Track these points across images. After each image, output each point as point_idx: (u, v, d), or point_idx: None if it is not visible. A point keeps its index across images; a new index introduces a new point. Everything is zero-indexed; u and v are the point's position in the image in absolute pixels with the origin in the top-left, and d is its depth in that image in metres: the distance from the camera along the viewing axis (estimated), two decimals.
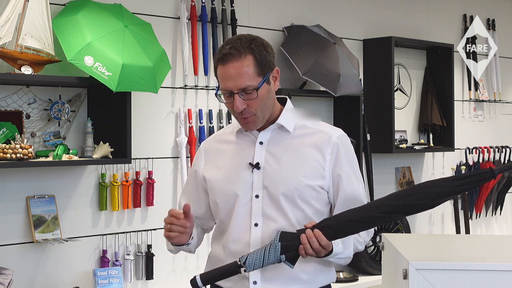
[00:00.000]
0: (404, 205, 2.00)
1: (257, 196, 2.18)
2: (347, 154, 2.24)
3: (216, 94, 2.23)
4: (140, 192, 3.69)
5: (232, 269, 2.07)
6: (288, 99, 2.30)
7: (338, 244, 2.13)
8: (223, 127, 3.96)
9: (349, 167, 2.23)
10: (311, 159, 2.20)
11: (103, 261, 3.54)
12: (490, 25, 5.88)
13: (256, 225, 2.18)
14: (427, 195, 1.97)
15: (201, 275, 2.06)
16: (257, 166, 2.19)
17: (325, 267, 2.25)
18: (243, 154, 2.24)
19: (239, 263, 2.05)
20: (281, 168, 2.18)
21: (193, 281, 2.06)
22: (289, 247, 2.05)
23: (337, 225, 2.05)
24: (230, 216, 2.22)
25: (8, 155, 3.04)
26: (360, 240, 2.25)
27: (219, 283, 2.22)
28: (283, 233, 2.06)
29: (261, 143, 2.22)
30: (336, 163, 2.21)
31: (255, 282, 2.17)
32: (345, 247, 2.16)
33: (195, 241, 2.30)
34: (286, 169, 2.18)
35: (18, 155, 3.06)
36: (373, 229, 2.28)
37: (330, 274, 2.28)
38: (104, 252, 3.57)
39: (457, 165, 5.55)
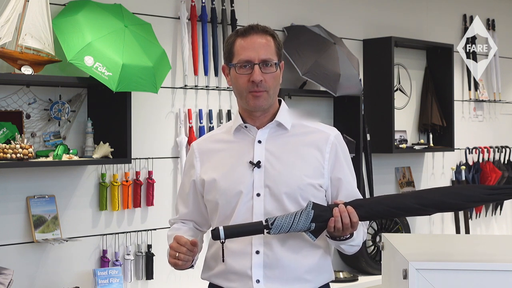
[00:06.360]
0: (441, 201, 2.10)
1: (258, 195, 2.18)
2: (344, 154, 2.27)
3: (228, 64, 2.21)
4: (140, 192, 3.69)
5: (256, 228, 2.06)
6: (282, 100, 2.32)
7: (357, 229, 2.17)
8: None
9: (347, 169, 2.27)
10: (311, 158, 2.21)
11: (103, 261, 3.55)
12: (490, 25, 5.87)
13: None
14: (465, 197, 2.09)
15: (224, 228, 2.05)
16: (258, 164, 2.19)
17: (325, 267, 2.26)
18: (242, 153, 2.23)
19: (265, 223, 2.05)
20: (283, 168, 2.19)
21: (215, 232, 2.05)
22: (320, 217, 2.06)
23: (370, 207, 2.10)
24: (231, 215, 2.20)
25: (8, 155, 3.04)
26: (364, 236, 2.28)
27: (221, 283, 2.22)
28: (315, 204, 2.08)
29: (259, 142, 2.22)
30: (335, 164, 2.23)
31: (258, 281, 2.16)
32: (357, 235, 2.19)
33: (197, 257, 2.24)
34: (288, 169, 2.18)
35: (18, 155, 3.06)
36: (367, 232, 2.32)
37: (330, 274, 2.29)
38: (104, 252, 3.57)
39: (457, 165, 5.55)
